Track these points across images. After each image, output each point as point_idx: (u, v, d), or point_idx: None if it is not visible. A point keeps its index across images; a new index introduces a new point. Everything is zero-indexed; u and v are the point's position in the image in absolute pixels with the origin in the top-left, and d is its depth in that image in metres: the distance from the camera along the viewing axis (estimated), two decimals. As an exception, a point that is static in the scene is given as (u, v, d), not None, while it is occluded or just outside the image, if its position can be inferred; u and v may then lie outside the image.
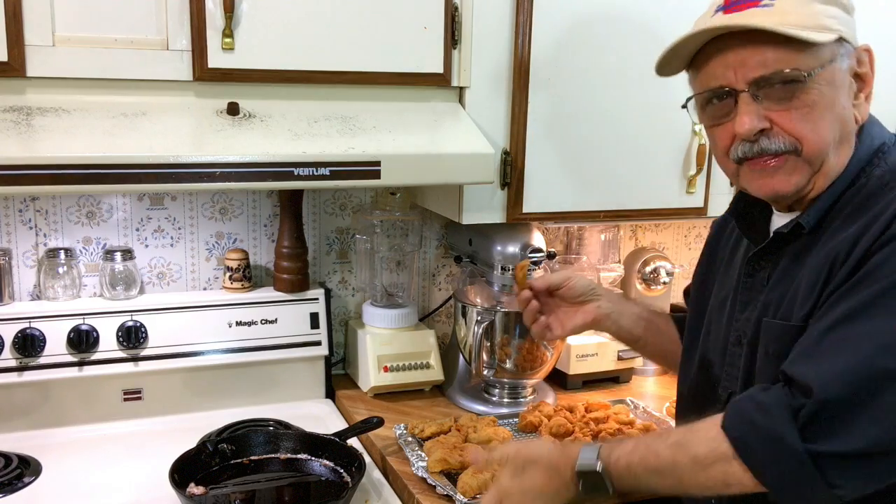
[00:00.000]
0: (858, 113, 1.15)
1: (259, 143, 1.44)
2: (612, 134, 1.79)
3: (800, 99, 1.10)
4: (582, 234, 2.20)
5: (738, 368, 1.23)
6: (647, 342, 1.52)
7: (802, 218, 1.15)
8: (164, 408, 1.81)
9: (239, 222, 1.96)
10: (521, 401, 1.91)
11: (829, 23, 1.09)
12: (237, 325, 1.84)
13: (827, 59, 1.09)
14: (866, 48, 1.15)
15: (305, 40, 1.54)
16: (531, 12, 1.66)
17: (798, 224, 1.16)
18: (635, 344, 1.55)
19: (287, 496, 1.54)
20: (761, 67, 1.09)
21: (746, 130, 1.11)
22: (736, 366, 1.24)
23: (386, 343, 1.93)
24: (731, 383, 1.25)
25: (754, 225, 1.28)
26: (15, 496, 1.48)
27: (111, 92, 1.47)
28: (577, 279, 1.49)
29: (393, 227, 2.01)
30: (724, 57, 1.12)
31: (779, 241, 1.20)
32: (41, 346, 1.69)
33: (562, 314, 1.50)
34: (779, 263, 1.20)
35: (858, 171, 1.15)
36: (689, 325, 1.43)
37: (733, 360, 1.25)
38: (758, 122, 1.11)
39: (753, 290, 1.23)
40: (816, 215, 1.15)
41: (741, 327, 1.24)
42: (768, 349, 1.16)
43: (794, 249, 1.18)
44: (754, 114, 1.11)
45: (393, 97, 1.64)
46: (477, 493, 1.44)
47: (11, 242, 1.80)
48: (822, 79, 1.09)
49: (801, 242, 1.17)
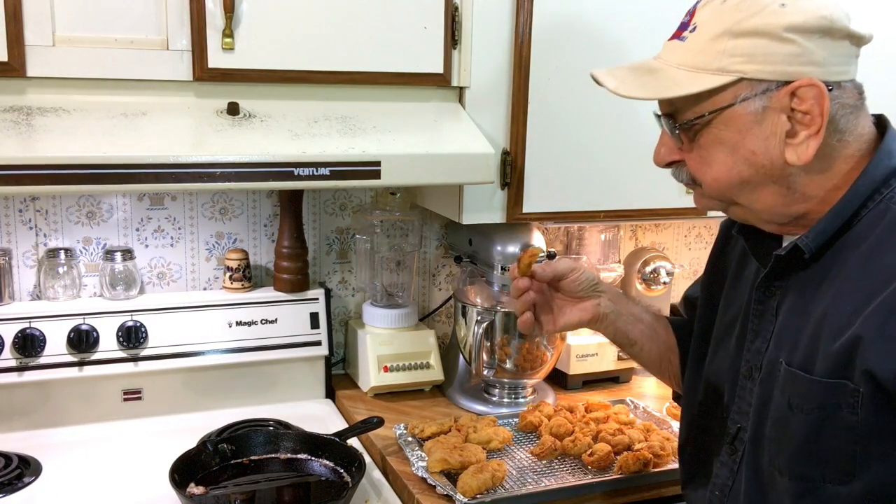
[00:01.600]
0: (795, 153, 1.04)
1: (259, 143, 1.44)
2: (613, 134, 1.79)
3: (697, 142, 1.10)
4: (582, 234, 2.20)
5: (750, 405, 1.16)
6: (641, 347, 1.43)
7: (801, 241, 1.08)
8: (164, 408, 1.81)
9: (239, 222, 1.96)
10: (521, 401, 1.91)
11: (730, 63, 1.03)
12: (237, 325, 1.84)
13: (727, 101, 1.05)
14: (806, 84, 1.02)
15: (305, 40, 1.54)
16: (531, 12, 1.66)
17: (797, 247, 1.08)
18: (630, 348, 1.44)
19: (287, 496, 1.54)
20: (666, 105, 1.13)
21: (656, 161, 1.17)
22: (747, 401, 1.17)
23: (386, 343, 1.93)
24: (740, 418, 1.18)
25: (763, 242, 1.20)
26: (15, 496, 1.48)
27: (111, 92, 1.47)
28: (582, 272, 1.38)
29: (393, 227, 2.01)
30: None
31: (783, 266, 1.13)
32: (41, 346, 1.69)
33: (555, 308, 1.39)
34: (787, 292, 1.13)
35: (870, 194, 1.06)
36: (697, 338, 1.36)
37: (744, 393, 1.18)
38: (667, 156, 1.15)
39: (763, 320, 1.16)
40: (817, 240, 1.07)
41: (752, 359, 1.18)
42: (791, 401, 1.06)
43: (802, 279, 1.11)
44: (666, 146, 1.15)
45: (393, 97, 1.64)
46: (477, 493, 1.44)
47: (11, 242, 1.80)
48: (722, 122, 1.06)
49: (810, 272, 1.10)
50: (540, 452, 1.61)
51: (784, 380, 1.08)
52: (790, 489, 1.07)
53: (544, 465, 1.60)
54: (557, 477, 1.55)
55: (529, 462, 1.61)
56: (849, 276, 1.05)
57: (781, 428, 1.08)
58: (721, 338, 1.29)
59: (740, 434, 1.18)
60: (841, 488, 1.03)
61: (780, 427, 1.09)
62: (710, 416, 1.28)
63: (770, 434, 1.11)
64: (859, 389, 0.99)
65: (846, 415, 1.00)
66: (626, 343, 1.43)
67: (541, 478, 1.54)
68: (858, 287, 1.02)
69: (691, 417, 1.35)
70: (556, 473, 1.57)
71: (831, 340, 1.02)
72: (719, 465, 1.21)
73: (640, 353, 1.45)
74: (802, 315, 1.09)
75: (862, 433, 1.00)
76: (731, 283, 1.30)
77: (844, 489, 1.02)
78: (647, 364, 1.48)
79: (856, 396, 0.99)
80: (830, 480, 1.03)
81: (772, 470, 1.10)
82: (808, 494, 1.05)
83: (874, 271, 1.02)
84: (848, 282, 1.05)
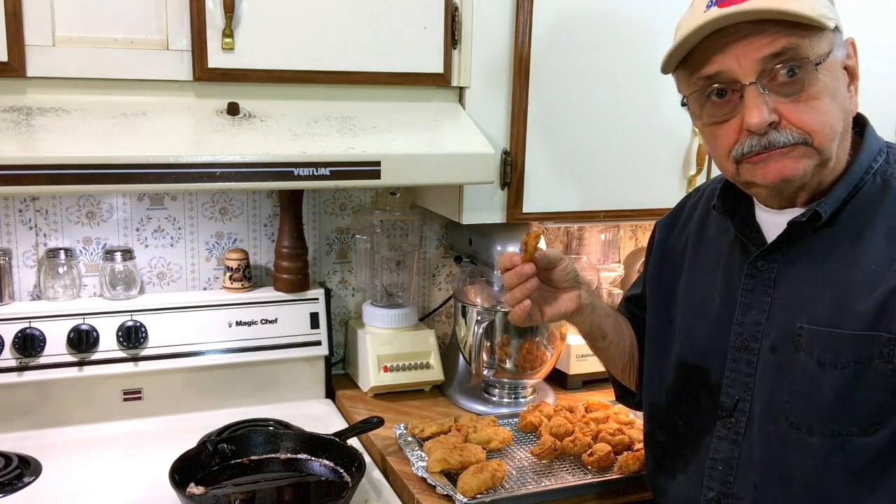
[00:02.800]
0: (852, 104, 1.13)
1: (259, 143, 1.44)
2: (613, 134, 1.79)
3: (806, 91, 1.07)
4: (582, 234, 2.20)
5: (750, 374, 1.20)
6: (612, 341, 1.43)
7: (820, 206, 1.12)
8: (164, 408, 1.81)
9: (239, 222, 1.96)
10: (521, 401, 1.91)
11: (825, 11, 1.06)
12: (237, 325, 1.84)
13: (828, 48, 1.08)
14: (851, 41, 1.13)
15: (305, 40, 1.54)
16: (531, 12, 1.66)
17: (815, 213, 1.12)
18: (602, 341, 1.42)
19: (287, 496, 1.54)
20: (770, 45, 1.05)
21: (757, 123, 1.07)
22: (745, 371, 1.21)
23: (386, 343, 1.93)
24: (737, 390, 1.21)
25: (745, 222, 1.25)
26: (15, 496, 1.48)
27: (111, 92, 1.47)
28: (568, 261, 1.33)
29: (393, 227, 2.01)
30: (724, 46, 1.08)
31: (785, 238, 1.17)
32: (41, 346, 1.69)
33: (540, 298, 1.32)
34: (786, 263, 1.18)
35: (869, 164, 1.14)
36: (653, 330, 1.39)
37: (738, 366, 1.22)
38: (768, 115, 1.07)
39: (755, 293, 1.20)
40: (833, 206, 1.12)
41: (746, 331, 1.21)
42: (822, 359, 1.11)
43: (804, 248, 1.16)
44: (764, 106, 1.07)
45: (393, 97, 1.64)
46: (477, 493, 1.44)
47: (11, 242, 1.80)
48: (826, 68, 1.08)
49: (814, 241, 1.15)
50: (540, 452, 1.61)
51: (811, 341, 1.13)
52: (820, 447, 1.11)
53: (544, 465, 1.60)
54: (557, 477, 1.55)
55: (529, 462, 1.61)
56: (872, 241, 1.11)
57: (811, 387, 1.12)
58: (692, 321, 1.31)
59: (739, 405, 1.20)
60: (867, 440, 1.09)
61: (810, 387, 1.12)
62: (687, 399, 1.30)
63: (794, 396, 1.14)
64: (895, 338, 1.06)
65: (879, 364, 1.07)
66: (598, 336, 1.41)
67: (541, 478, 1.54)
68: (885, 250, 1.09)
69: (653, 407, 1.39)
70: (556, 473, 1.56)
71: (862, 299, 1.09)
72: (716, 440, 1.23)
73: (608, 347, 1.44)
74: (818, 281, 1.14)
75: (894, 380, 1.07)
76: (689, 269, 1.34)
77: (871, 440, 1.09)
78: (613, 358, 1.47)
79: (891, 346, 1.07)
80: (858, 433, 1.09)
81: (796, 431, 1.13)
82: (837, 449, 1.10)
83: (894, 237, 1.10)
84: (871, 247, 1.10)
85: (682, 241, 1.39)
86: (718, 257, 1.29)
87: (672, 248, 1.41)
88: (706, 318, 1.28)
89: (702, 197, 1.41)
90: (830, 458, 1.11)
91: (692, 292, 1.33)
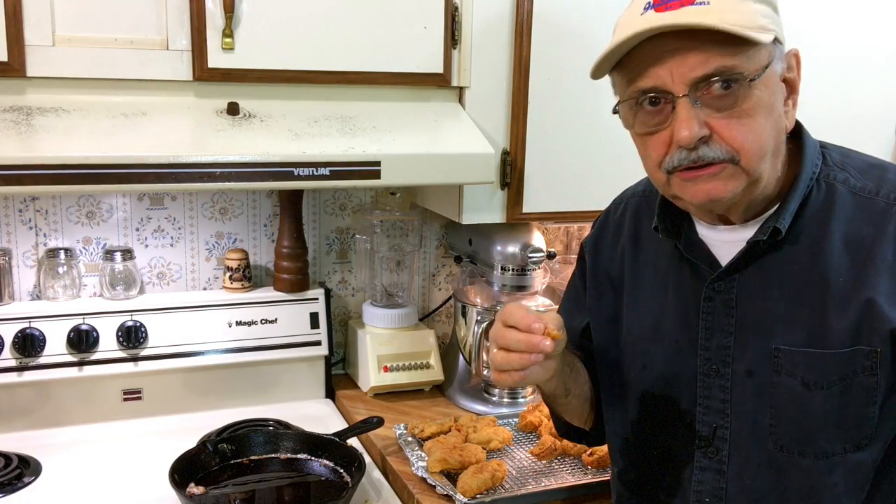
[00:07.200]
0: (787, 120, 1.08)
1: (259, 143, 1.44)
2: (613, 134, 1.78)
3: (740, 107, 1.02)
4: (582, 234, 2.20)
5: (725, 400, 1.14)
6: (575, 395, 1.30)
7: (779, 222, 1.07)
8: (164, 408, 1.81)
9: (239, 222, 1.96)
10: (521, 401, 1.91)
11: (765, 22, 1.01)
12: (237, 325, 1.84)
13: (766, 61, 1.03)
14: (795, 52, 1.08)
15: (305, 40, 1.54)
16: (531, 12, 1.66)
17: (775, 230, 1.08)
18: (565, 398, 1.29)
19: (287, 496, 1.54)
20: (702, 66, 1.00)
21: (686, 138, 1.02)
22: (718, 398, 1.14)
23: (386, 343, 1.93)
24: (713, 417, 1.15)
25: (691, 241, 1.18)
26: (15, 496, 1.48)
27: (111, 92, 1.47)
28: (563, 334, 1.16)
29: (393, 227, 2.01)
30: (659, 58, 1.02)
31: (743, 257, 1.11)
32: (41, 346, 1.69)
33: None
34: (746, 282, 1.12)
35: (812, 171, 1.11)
36: (606, 364, 1.30)
37: (710, 392, 1.15)
38: (698, 130, 1.02)
39: (716, 315, 1.14)
40: (790, 218, 1.08)
41: (713, 356, 1.14)
42: (805, 380, 1.07)
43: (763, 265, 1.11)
44: (694, 120, 1.02)
45: (393, 97, 1.64)
46: (477, 493, 1.44)
47: (11, 242, 1.80)
48: (763, 83, 1.02)
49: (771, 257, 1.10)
50: (540, 452, 1.61)
51: (792, 363, 1.09)
52: (815, 467, 1.09)
53: (544, 465, 1.60)
54: (557, 477, 1.55)
55: (529, 462, 1.61)
56: (831, 251, 1.08)
57: (798, 409, 1.09)
58: (647, 347, 1.23)
59: (718, 432, 1.15)
60: (862, 455, 1.07)
61: (797, 408, 1.09)
62: (660, 431, 1.22)
63: (781, 419, 1.10)
64: (876, 350, 1.04)
65: (864, 378, 1.05)
66: (562, 394, 1.28)
67: (541, 478, 1.54)
68: (847, 259, 1.07)
69: (623, 443, 1.29)
70: (556, 473, 1.57)
71: (837, 315, 1.06)
72: (698, 471, 1.17)
73: (571, 402, 1.31)
74: (786, 299, 1.10)
75: (881, 392, 1.05)
76: (631, 293, 1.27)
77: (865, 455, 1.07)
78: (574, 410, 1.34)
79: (872, 358, 1.04)
80: (852, 449, 1.07)
81: (787, 455, 1.10)
82: (835, 468, 1.08)
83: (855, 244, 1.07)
84: (832, 257, 1.07)
85: (615, 263, 1.31)
86: (665, 277, 1.22)
87: (605, 273, 1.32)
88: (662, 343, 1.21)
89: (625, 211, 1.34)
90: (828, 478, 1.08)
91: (640, 317, 1.25)
